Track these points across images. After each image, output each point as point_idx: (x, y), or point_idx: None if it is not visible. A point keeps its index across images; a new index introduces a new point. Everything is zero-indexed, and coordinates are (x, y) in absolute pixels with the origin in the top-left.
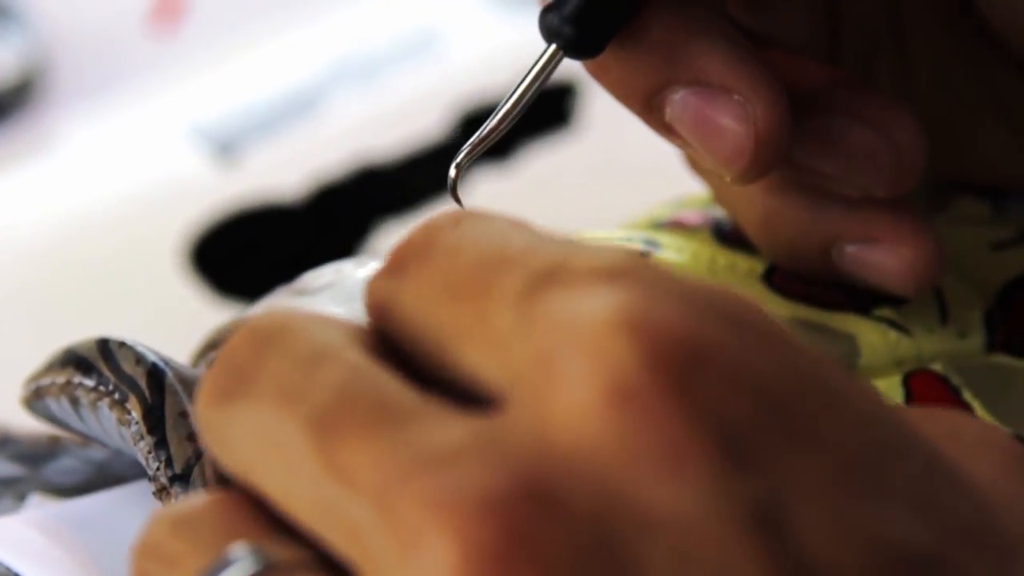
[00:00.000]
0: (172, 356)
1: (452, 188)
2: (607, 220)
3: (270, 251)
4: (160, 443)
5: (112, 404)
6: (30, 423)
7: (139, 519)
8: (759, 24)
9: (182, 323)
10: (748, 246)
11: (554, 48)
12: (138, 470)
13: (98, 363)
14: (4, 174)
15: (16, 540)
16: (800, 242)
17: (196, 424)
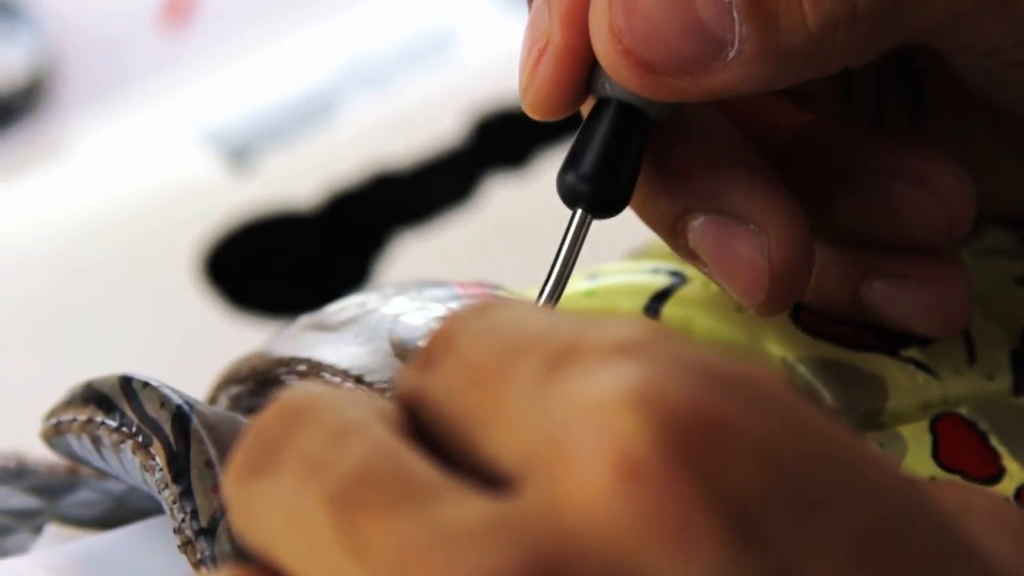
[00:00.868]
0: (184, 364)
1: None
2: (624, 227)
3: (284, 259)
4: (185, 494)
5: (136, 447)
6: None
7: (151, 559)
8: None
9: (194, 330)
10: None
11: (581, 213)
12: (156, 503)
13: (121, 403)
14: (14, 179)
15: None
16: (828, 277)
17: (224, 496)
